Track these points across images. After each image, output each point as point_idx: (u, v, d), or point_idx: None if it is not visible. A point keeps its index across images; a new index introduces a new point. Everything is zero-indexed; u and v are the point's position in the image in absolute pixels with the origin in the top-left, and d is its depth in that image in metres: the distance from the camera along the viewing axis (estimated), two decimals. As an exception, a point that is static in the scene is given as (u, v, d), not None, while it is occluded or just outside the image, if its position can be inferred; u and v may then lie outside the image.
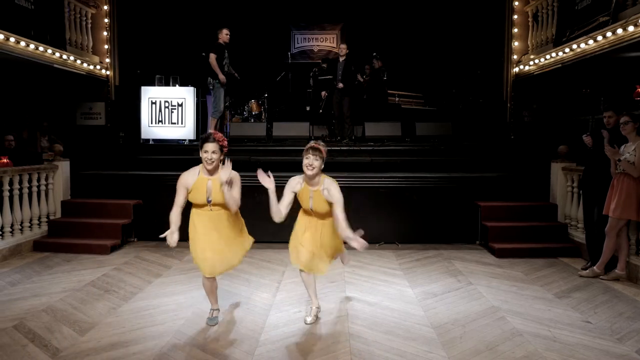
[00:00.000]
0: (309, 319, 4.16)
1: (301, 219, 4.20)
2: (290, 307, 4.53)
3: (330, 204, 3.93)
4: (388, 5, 11.41)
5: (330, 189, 3.92)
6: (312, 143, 3.96)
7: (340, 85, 9.12)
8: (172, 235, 3.93)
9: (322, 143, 4.01)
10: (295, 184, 4.05)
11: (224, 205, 3.90)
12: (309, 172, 3.89)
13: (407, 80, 11.12)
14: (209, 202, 3.90)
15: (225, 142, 3.93)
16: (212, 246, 3.93)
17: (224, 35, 8.47)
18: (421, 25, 11.31)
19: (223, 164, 3.86)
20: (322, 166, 3.93)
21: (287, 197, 4.02)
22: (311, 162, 3.87)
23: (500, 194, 7.27)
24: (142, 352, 3.60)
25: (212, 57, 8.22)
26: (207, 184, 3.88)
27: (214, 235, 3.94)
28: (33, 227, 6.78)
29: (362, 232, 3.77)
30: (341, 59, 9.27)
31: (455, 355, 3.58)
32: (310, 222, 4.12)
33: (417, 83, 11.23)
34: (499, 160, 8.24)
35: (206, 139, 3.86)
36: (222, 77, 8.28)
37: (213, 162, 3.83)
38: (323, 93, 9.57)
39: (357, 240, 3.68)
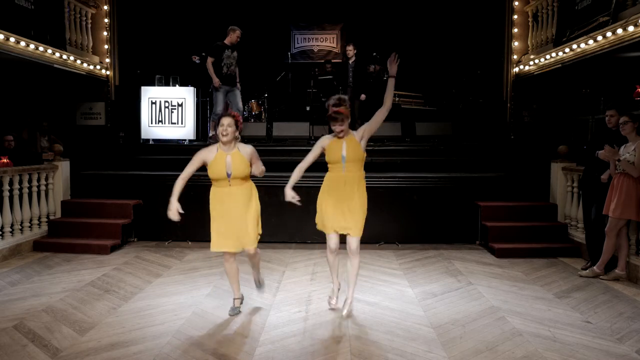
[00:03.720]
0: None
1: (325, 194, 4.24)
2: (290, 307, 4.53)
3: (363, 153, 4.21)
4: (388, 5, 11.40)
5: (357, 131, 4.23)
6: (332, 109, 4.13)
7: (363, 96, 8.92)
8: (172, 205, 4.05)
9: (338, 103, 4.17)
10: (325, 139, 4.25)
11: (243, 178, 4.09)
12: (341, 135, 4.15)
13: (407, 80, 11.08)
14: (228, 175, 4.03)
15: (241, 119, 4.18)
16: (229, 223, 4.08)
17: (234, 36, 8.06)
18: (421, 26, 11.30)
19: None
20: (349, 120, 4.18)
21: (314, 153, 4.21)
22: (338, 128, 4.13)
23: (500, 194, 7.27)
24: (142, 352, 3.60)
25: (209, 60, 8.00)
26: (226, 158, 4.04)
27: (233, 212, 4.08)
28: (33, 227, 6.78)
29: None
30: (350, 61, 9.11)
31: (455, 355, 3.58)
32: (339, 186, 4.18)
33: (417, 83, 11.21)
34: (499, 160, 8.24)
35: (222, 115, 4.10)
36: (216, 80, 8.00)
37: (227, 134, 3.99)
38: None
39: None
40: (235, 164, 4.03)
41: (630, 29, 6.03)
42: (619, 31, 6.20)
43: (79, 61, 8.54)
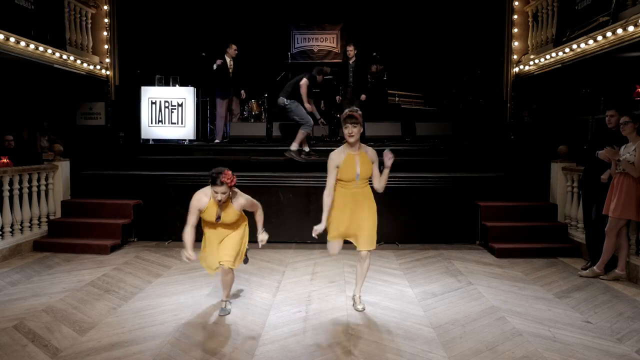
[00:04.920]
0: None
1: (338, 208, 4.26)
2: (290, 307, 4.53)
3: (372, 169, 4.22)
4: (388, 5, 11.40)
5: (368, 150, 4.25)
6: (347, 111, 4.17)
7: (363, 96, 8.93)
8: (188, 254, 4.07)
9: (355, 109, 4.20)
10: (337, 156, 4.22)
11: (232, 223, 4.18)
12: (351, 140, 4.12)
13: (407, 80, 11.11)
14: (217, 220, 4.12)
15: (234, 181, 3.99)
16: (214, 247, 4.23)
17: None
18: (421, 26, 11.29)
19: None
20: (361, 131, 4.18)
21: (333, 174, 4.22)
22: (350, 130, 4.10)
23: (500, 194, 7.27)
24: (142, 352, 3.60)
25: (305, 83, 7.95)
26: (217, 210, 4.11)
27: (220, 238, 4.23)
28: (33, 227, 6.78)
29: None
30: (351, 61, 9.11)
31: (455, 355, 3.58)
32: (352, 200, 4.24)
33: (417, 83, 11.22)
34: (499, 160, 8.24)
35: (215, 182, 3.92)
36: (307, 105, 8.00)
37: (222, 201, 4.02)
38: (338, 98, 9.48)
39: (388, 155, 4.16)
40: (226, 214, 4.12)
41: (630, 29, 6.02)
42: (619, 31, 6.19)
43: (79, 61, 8.53)
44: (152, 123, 9.29)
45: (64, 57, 8.10)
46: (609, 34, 6.40)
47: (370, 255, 4.37)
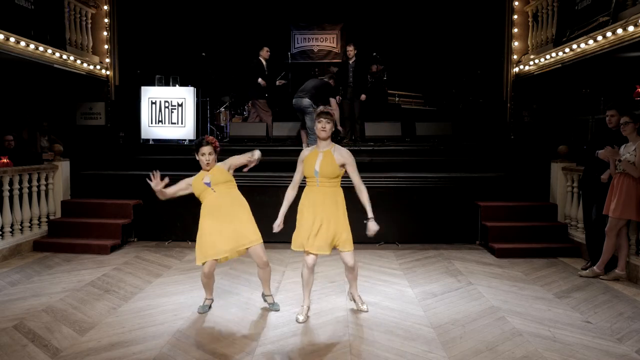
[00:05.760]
0: (301, 318, 4.23)
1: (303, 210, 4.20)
2: (290, 307, 4.52)
3: (339, 170, 4.05)
4: (388, 5, 11.39)
5: (342, 151, 4.11)
6: (322, 107, 4.21)
7: (363, 96, 8.95)
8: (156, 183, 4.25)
9: (330, 107, 4.20)
10: (304, 152, 4.23)
11: (225, 185, 4.23)
12: (322, 135, 4.08)
13: (407, 80, 11.11)
14: (208, 184, 4.18)
15: (217, 143, 4.31)
16: (217, 228, 4.14)
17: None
18: (421, 26, 11.29)
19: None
20: (333, 129, 4.15)
21: (299, 170, 4.22)
22: (324, 125, 4.06)
23: (500, 194, 7.27)
24: (142, 352, 3.60)
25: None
26: (204, 176, 4.25)
27: (219, 217, 4.16)
28: (33, 227, 6.78)
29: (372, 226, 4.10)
30: (351, 61, 9.10)
31: (455, 355, 3.58)
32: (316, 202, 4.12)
33: (417, 83, 11.21)
34: (499, 160, 8.24)
35: (200, 144, 4.24)
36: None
37: (209, 163, 4.22)
38: (338, 98, 9.48)
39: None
40: (214, 176, 4.22)
41: (630, 29, 6.02)
42: (619, 31, 6.19)
43: (79, 61, 8.53)
44: (152, 123, 9.29)
45: (64, 57, 8.10)
46: (609, 34, 6.40)
47: (355, 261, 4.22)
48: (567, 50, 7.49)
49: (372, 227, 4.10)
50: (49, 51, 7.64)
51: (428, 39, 11.22)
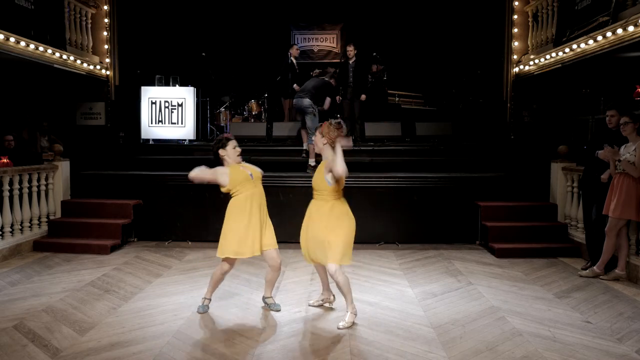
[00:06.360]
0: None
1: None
2: (290, 307, 4.52)
3: (326, 183, 4.00)
4: (388, 5, 11.39)
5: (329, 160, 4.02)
6: (334, 122, 4.08)
7: (363, 96, 8.94)
8: None
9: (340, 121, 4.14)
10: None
11: (260, 181, 4.29)
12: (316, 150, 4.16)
13: (407, 80, 11.11)
14: (251, 176, 4.22)
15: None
16: (255, 225, 4.16)
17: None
18: (421, 26, 11.29)
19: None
20: (327, 143, 4.05)
21: None
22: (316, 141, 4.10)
23: (500, 194, 7.27)
24: (142, 352, 3.60)
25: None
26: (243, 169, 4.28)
27: (256, 214, 4.15)
28: (33, 227, 6.78)
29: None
30: (351, 61, 9.10)
31: (455, 355, 3.58)
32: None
33: (417, 83, 11.22)
34: (499, 160, 8.24)
35: (227, 140, 4.34)
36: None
37: (240, 154, 4.34)
38: (338, 98, 9.48)
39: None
40: (254, 170, 4.36)
41: (630, 29, 6.02)
42: (619, 31, 6.19)
43: (79, 61, 8.53)
44: (152, 123, 9.29)
45: (64, 57, 8.10)
46: (609, 34, 6.40)
47: (339, 273, 3.99)
48: (567, 50, 7.49)
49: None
50: (49, 51, 7.64)
51: (428, 39, 11.22)
